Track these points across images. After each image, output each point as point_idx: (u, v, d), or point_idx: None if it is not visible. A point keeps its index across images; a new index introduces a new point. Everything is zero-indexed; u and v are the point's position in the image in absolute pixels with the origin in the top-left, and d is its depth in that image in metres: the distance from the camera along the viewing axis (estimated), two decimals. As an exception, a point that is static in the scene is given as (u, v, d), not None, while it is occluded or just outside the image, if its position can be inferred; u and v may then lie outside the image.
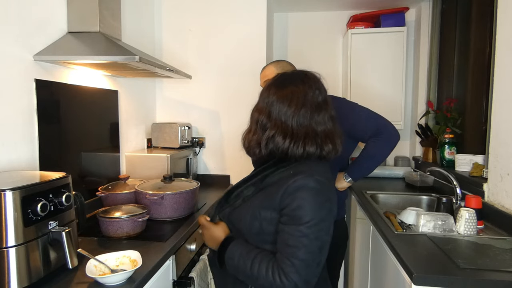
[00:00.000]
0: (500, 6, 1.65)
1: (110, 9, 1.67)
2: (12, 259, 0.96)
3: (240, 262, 0.95)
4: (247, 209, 1.00)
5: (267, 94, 1.03)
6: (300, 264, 0.88)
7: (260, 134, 1.01)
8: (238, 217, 1.02)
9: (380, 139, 1.60)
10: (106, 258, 1.15)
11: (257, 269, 0.92)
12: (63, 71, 1.61)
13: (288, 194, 0.92)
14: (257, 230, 0.97)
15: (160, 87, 2.65)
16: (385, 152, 1.62)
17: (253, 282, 0.96)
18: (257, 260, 0.93)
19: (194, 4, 2.57)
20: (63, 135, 1.60)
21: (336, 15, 3.03)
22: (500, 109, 1.63)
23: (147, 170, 2.09)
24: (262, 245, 0.97)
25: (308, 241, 0.88)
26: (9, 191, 0.95)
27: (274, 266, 0.90)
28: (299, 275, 0.88)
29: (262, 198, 0.98)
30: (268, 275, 0.90)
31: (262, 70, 1.69)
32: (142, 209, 1.50)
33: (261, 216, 0.96)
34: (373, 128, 1.60)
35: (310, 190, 0.91)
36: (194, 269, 1.55)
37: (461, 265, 1.18)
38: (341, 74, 3.08)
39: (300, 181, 0.92)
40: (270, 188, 0.98)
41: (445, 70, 2.63)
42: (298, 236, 0.89)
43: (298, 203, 0.90)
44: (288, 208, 0.91)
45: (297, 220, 0.89)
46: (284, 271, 0.88)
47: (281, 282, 0.88)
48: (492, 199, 1.68)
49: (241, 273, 0.96)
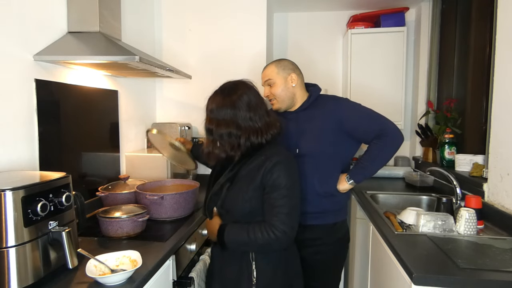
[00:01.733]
0: (500, 6, 1.65)
1: (110, 9, 1.67)
2: (12, 259, 0.96)
3: (238, 237, 1.20)
4: (236, 195, 1.23)
5: (223, 106, 1.25)
6: (284, 217, 1.16)
7: (234, 140, 1.23)
8: (230, 203, 1.25)
9: (383, 141, 1.54)
10: (106, 258, 1.15)
11: (253, 234, 1.17)
12: (63, 71, 1.61)
13: (267, 171, 1.19)
14: (249, 209, 1.22)
15: (160, 87, 2.65)
16: (388, 155, 1.57)
17: (253, 247, 1.20)
18: (251, 228, 1.18)
19: (194, 4, 2.57)
20: (63, 135, 1.60)
21: (336, 15, 3.04)
22: (500, 109, 1.63)
23: (147, 170, 2.09)
24: (253, 219, 1.21)
25: (288, 199, 1.18)
26: (9, 191, 0.95)
27: (265, 226, 1.17)
28: (285, 224, 1.16)
29: (247, 182, 1.22)
30: (263, 234, 1.16)
31: (264, 69, 1.66)
32: (142, 209, 1.50)
33: (250, 196, 1.21)
34: (376, 130, 1.55)
35: (283, 164, 1.21)
36: (194, 269, 1.55)
37: (461, 265, 1.18)
38: (341, 74, 3.08)
39: (274, 160, 1.20)
40: (250, 173, 1.23)
41: (445, 70, 2.63)
42: (280, 197, 1.18)
43: (277, 174, 1.19)
44: (270, 181, 1.19)
45: (277, 187, 1.18)
46: (274, 225, 1.16)
47: (274, 234, 1.15)
48: (492, 199, 1.68)
49: (241, 244, 1.20)
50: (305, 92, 1.65)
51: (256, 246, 1.19)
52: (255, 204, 1.21)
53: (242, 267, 1.25)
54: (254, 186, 1.21)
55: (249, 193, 1.21)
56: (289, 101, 1.62)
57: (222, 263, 1.32)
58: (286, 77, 1.60)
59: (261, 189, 1.21)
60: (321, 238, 1.60)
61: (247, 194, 1.21)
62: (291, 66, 1.63)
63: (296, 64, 1.66)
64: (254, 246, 1.20)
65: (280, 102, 1.62)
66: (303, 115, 1.61)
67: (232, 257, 1.28)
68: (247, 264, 1.24)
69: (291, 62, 1.65)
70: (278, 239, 1.15)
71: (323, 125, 1.56)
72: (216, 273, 1.36)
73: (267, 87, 1.63)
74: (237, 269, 1.26)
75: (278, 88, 1.59)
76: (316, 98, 1.63)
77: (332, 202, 1.60)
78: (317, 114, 1.59)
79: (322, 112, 1.58)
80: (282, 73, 1.60)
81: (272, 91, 1.61)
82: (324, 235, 1.60)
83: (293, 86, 1.60)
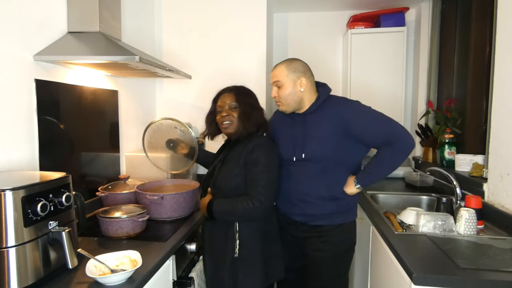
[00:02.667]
0: (500, 6, 1.65)
1: (110, 9, 1.67)
2: (12, 259, 0.96)
3: (223, 207, 1.42)
4: (225, 173, 1.48)
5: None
6: (262, 189, 1.38)
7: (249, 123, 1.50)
8: (221, 181, 1.48)
9: (392, 148, 1.48)
10: (106, 258, 1.15)
11: (236, 205, 1.39)
12: (63, 71, 1.61)
13: (249, 151, 1.43)
14: (235, 185, 1.44)
15: (160, 87, 2.65)
16: (396, 162, 1.52)
17: (235, 215, 1.41)
18: (234, 201, 1.40)
19: (194, 4, 2.57)
20: (63, 135, 1.60)
21: (336, 15, 3.04)
22: (500, 109, 1.63)
23: (147, 170, 2.08)
24: (239, 194, 1.43)
25: (266, 174, 1.41)
26: (9, 191, 0.95)
27: (246, 198, 1.39)
28: (262, 195, 1.38)
29: (234, 162, 1.47)
30: (244, 205, 1.37)
31: (273, 69, 1.59)
32: (142, 209, 1.50)
33: (235, 173, 1.44)
34: (385, 136, 1.48)
35: (262, 145, 1.45)
36: (194, 269, 1.56)
37: (461, 265, 1.18)
38: (341, 74, 3.08)
39: (254, 142, 1.45)
40: (236, 154, 1.47)
41: (445, 70, 2.63)
42: (259, 172, 1.40)
43: (257, 154, 1.42)
44: (250, 159, 1.42)
45: (256, 164, 1.41)
46: (253, 196, 1.38)
47: (253, 204, 1.37)
48: (492, 199, 1.67)
49: (227, 214, 1.42)
50: (315, 93, 1.59)
51: (237, 215, 1.41)
52: (240, 180, 1.44)
53: (228, 238, 1.45)
54: (239, 164, 1.44)
55: (236, 171, 1.44)
56: (295, 105, 1.57)
57: (211, 235, 1.52)
58: (295, 80, 1.54)
59: (244, 167, 1.43)
60: (325, 236, 1.58)
61: (233, 172, 1.45)
62: (302, 68, 1.56)
63: (308, 65, 1.60)
64: (236, 215, 1.41)
65: (286, 105, 1.57)
66: (310, 118, 1.57)
67: (219, 230, 1.48)
68: (232, 236, 1.44)
69: (303, 64, 1.58)
70: (255, 207, 1.37)
71: (330, 129, 1.51)
72: (206, 243, 1.56)
73: (275, 88, 1.58)
74: (222, 240, 1.46)
75: (286, 91, 1.54)
76: (325, 100, 1.57)
77: (338, 205, 1.57)
78: (324, 118, 1.54)
79: (329, 116, 1.53)
80: (292, 76, 1.54)
81: (279, 93, 1.56)
82: (328, 234, 1.58)
83: (302, 91, 1.55)
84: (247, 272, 1.45)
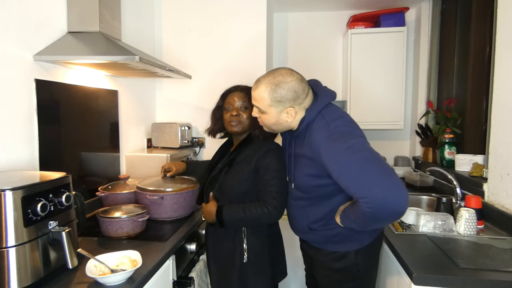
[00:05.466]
0: (500, 6, 1.65)
1: (110, 9, 1.67)
2: (12, 259, 0.96)
3: (236, 214, 1.35)
4: (233, 177, 1.42)
5: None
6: (275, 195, 1.34)
7: None
8: (228, 185, 1.42)
9: (365, 213, 1.08)
10: (106, 258, 1.15)
11: (249, 211, 1.33)
12: (63, 71, 1.61)
13: (261, 157, 1.39)
14: (244, 190, 1.40)
15: (160, 87, 2.65)
16: (372, 227, 1.20)
17: (249, 222, 1.37)
18: (247, 207, 1.35)
19: (194, 4, 2.57)
20: (63, 135, 1.60)
21: (336, 15, 3.03)
22: (500, 109, 1.63)
23: (147, 170, 2.09)
24: (247, 200, 1.38)
25: (278, 180, 1.36)
26: (9, 191, 0.95)
27: (259, 204, 1.34)
28: (276, 201, 1.33)
29: (244, 166, 1.41)
30: (258, 210, 1.33)
31: (253, 89, 1.30)
32: (142, 209, 1.50)
33: (245, 178, 1.39)
34: (356, 195, 1.09)
35: (274, 151, 1.40)
36: (194, 269, 1.56)
37: (461, 265, 1.18)
38: (341, 74, 3.08)
39: (266, 147, 1.40)
40: (246, 159, 1.42)
41: (445, 70, 2.63)
42: (272, 178, 1.36)
43: (268, 159, 1.37)
44: (262, 164, 1.38)
45: (269, 170, 1.36)
46: (267, 202, 1.33)
47: (267, 209, 1.32)
48: (492, 199, 1.68)
49: (239, 221, 1.37)
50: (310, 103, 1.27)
51: (250, 221, 1.36)
52: (250, 185, 1.39)
53: (235, 244, 1.43)
54: (250, 169, 1.40)
55: (245, 175, 1.40)
56: (280, 130, 1.34)
57: (215, 241, 1.49)
58: (281, 111, 1.24)
59: (255, 172, 1.39)
60: (319, 259, 1.36)
61: (243, 176, 1.40)
62: (291, 95, 1.21)
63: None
64: (249, 221, 1.36)
65: (268, 129, 1.35)
66: (298, 137, 1.30)
67: (226, 235, 1.44)
68: (240, 241, 1.42)
69: (293, 87, 1.21)
70: (270, 213, 1.33)
71: (311, 154, 1.22)
72: (210, 249, 1.53)
73: (256, 108, 1.31)
74: (230, 245, 1.44)
75: (269, 121, 1.28)
76: (316, 115, 1.23)
77: (326, 235, 1.31)
78: (307, 141, 1.24)
79: (311, 141, 1.22)
80: (277, 107, 1.23)
81: (262, 119, 1.30)
82: (324, 258, 1.34)
83: (289, 122, 1.26)
84: (257, 275, 1.43)
